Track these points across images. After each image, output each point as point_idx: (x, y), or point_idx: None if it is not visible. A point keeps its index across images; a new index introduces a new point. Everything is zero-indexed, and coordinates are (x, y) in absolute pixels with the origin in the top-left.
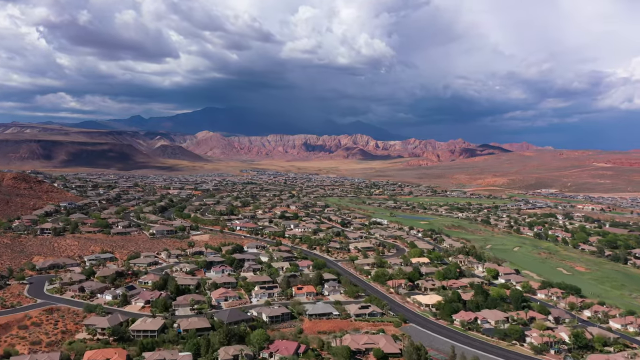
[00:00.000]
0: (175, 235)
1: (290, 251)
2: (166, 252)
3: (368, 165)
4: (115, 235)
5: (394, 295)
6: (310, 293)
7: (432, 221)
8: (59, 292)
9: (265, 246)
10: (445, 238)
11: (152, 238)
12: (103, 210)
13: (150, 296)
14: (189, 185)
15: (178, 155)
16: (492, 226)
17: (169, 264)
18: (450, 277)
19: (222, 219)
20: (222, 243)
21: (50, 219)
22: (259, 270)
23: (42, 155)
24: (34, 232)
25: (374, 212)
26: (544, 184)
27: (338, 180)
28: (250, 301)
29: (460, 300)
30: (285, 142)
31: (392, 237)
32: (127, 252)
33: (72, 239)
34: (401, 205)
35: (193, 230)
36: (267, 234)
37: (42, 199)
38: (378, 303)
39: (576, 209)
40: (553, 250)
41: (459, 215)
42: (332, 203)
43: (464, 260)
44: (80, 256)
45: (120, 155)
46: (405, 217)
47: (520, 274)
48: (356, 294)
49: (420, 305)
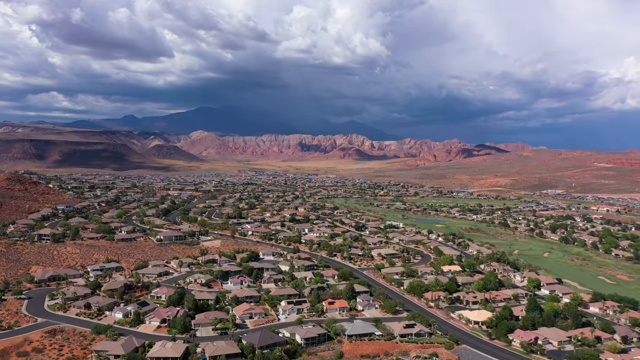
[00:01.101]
0: (185, 242)
1: (310, 259)
2: (177, 261)
3: (365, 165)
4: (119, 241)
5: (434, 310)
6: (344, 308)
7: (448, 224)
8: (61, 308)
9: (282, 253)
10: (469, 243)
11: (159, 245)
12: (103, 213)
13: (167, 314)
14: (189, 186)
15: (173, 155)
16: (512, 229)
17: (181, 275)
18: (490, 288)
19: (231, 223)
20: (235, 250)
21: (47, 224)
22: (281, 281)
23: (35, 155)
24: (30, 239)
25: (384, 214)
26: (547, 184)
27: (339, 180)
28: (277, 318)
29: (512, 317)
30: (280, 142)
31: (413, 241)
32: (134, 260)
33: (73, 246)
34: (411, 207)
35: (202, 235)
36: (282, 239)
37: (38, 201)
38: (422, 320)
39: (590, 210)
40: (584, 256)
41: (474, 218)
42: (340, 205)
43: (498, 268)
44: (83, 266)
45: (114, 155)
46: (418, 219)
47: (563, 283)
48: (394, 309)
49: (468, 322)
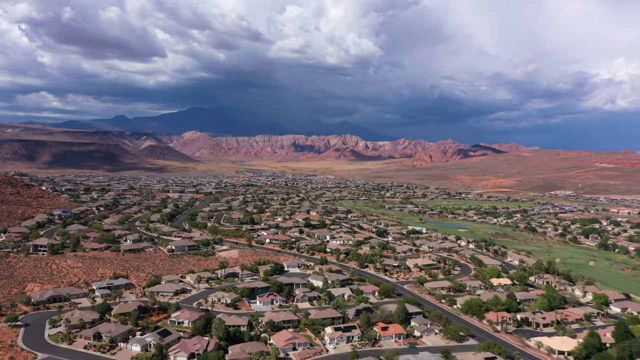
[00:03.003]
0: (199, 252)
1: (341, 271)
2: (194, 276)
3: (361, 165)
4: (126, 252)
5: (503, 335)
6: (399, 335)
7: (471, 229)
8: (66, 339)
9: (308, 264)
10: (505, 250)
11: (171, 256)
12: (103, 219)
13: (194, 346)
14: (188, 187)
15: (167, 156)
16: (540, 234)
17: (200, 292)
18: (555, 306)
19: (245, 229)
20: (256, 261)
21: (43, 232)
22: (316, 300)
23: (25, 156)
24: (25, 250)
25: (399, 217)
26: (553, 185)
27: (340, 181)
28: (325, 349)
29: (602, 345)
30: (273, 143)
31: (443, 249)
32: (144, 275)
33: (75, 258)
34: (424, 209)
35: (216, 244)
36: (305, 248)
37: (31, 206)
38: (499, 350)
39: (611, 213)
40: (633, 264)
41: (495, 222)
42: (349, 207)
43: (552, 280)
44: (87, 282)
45: (107, 155)
46: (437, 223)
47: (631, 299)
48: (458, 335)
49: (550, 352)
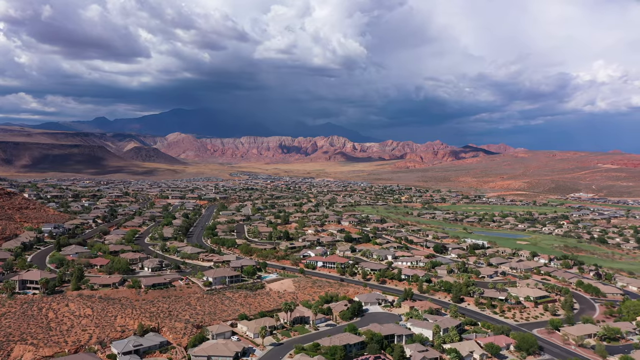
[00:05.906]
0: (244, 285)
1: (440, 310)
2: (250, 324)
3: (354, 167)
4: (149, 289)
5: None
6: None
7: (530, 240)
8: None
9: (391, 301)
10: (610, 273)
11: (209, 292)
12: (104, 235)
13: None
14: (186, 192)
15: (153, 158)
16: (614, 246)
17: (267, 352)
18: None
19: (285, 248)
20: (322, 297)
21: (31, 256)
22: None
23: (2, 159)
24: (10, 289)
25: (438, 226)
26: (565, 187)
27: (342, 184)
28: None
29: None
30: (259, 144)
31: (529, 269)
32: (182, 326)
33: (80, 301)
34: (459, 216)
35: (259, 271)
36: (374, 274)
37: (14, 219)
38: None
39: None
40: None
41: (549, 230)
42: (373, 213)
43: None
44: (102, 342)
45: (90, 158)
46: (485, 233)
47: None
48: None
49: None
